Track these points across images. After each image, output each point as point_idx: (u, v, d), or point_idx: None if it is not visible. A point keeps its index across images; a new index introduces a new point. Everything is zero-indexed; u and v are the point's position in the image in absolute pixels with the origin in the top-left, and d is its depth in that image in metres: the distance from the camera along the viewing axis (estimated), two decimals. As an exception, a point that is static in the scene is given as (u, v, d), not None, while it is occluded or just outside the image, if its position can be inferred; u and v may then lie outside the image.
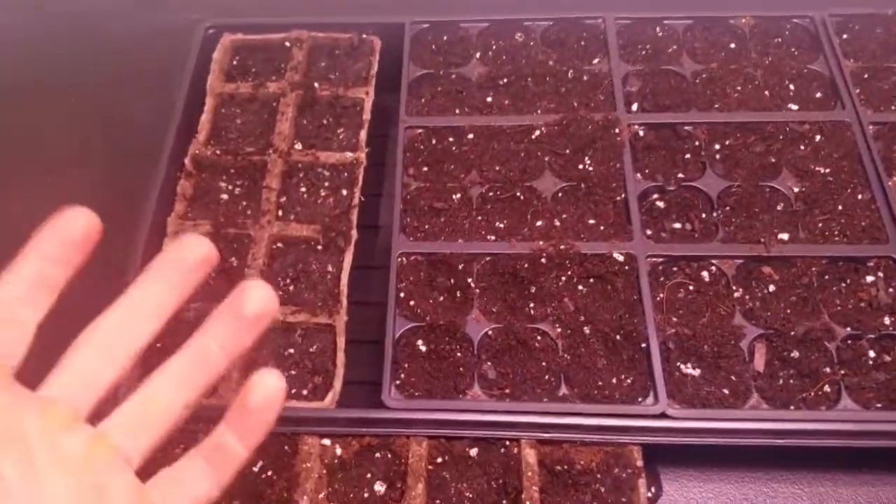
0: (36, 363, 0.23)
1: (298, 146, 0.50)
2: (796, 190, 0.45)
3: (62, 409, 0.22)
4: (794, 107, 0.48)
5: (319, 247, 0.45)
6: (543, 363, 0.40)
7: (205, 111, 0.50)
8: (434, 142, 0.49)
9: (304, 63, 0.54)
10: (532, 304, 0.42)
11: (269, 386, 0.25)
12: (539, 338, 0.41)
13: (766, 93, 0.49)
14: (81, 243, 0.24)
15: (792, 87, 0.49)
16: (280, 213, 0.47)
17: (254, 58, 0.54)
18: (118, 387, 0.23)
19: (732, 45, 0.52)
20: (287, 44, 0.55)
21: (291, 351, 0.42)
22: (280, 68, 0.53)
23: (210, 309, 0.25)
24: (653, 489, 0.41)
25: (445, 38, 0.54)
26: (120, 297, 0.24)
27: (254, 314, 0.25)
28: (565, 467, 0.37)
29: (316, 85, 0.52)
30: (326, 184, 0.48)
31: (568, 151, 0.48)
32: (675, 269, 0.43)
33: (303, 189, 0.48)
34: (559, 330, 0.41)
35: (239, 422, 0.25)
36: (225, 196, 0.47)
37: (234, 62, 0.54)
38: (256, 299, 0.25)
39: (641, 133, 0.48)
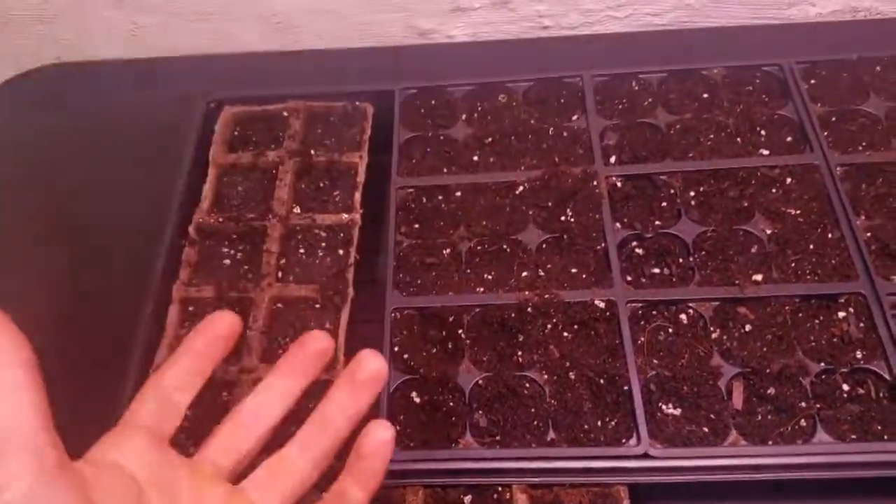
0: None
1: (297, 210, 0.55)
2: (769, 232, 0.49)
3: (207, 468, 0.30)
4: (766, 152, 0.53)
5: (318, 305, 0.50)
6: (532, 409, 0.44)
7: (207, 181, 0.56)
8: (424, 200, 0.54)
9: (300, 131, 0.59)
10: (520, 353, 0.46)
11: (378, 435, 0.32)
12: (527, 385, 0.45)
13: (738, 139, 0.54)
14: (225, 339, 0.34)
15: (763, 132, 0.54)
16: (280, 274, 0.52)
17: (254, 128, 0.60)
18: (256, 453, 0.32)
19: (705, 95, 0.57)
20: (285, 113, 0.61)
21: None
22: (279, 137, 0.59)
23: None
24: (645, 528, 0.44)
25: (433, 102, 0.60)
26: (260, 383, 0.34)
27: (367, 380, 0.33)
28: (555, 509, 0.41)
29: (312, 152, 0.58)
30: (323, 244, 0.53)
31: (550, 204, 0.52)
32: (654, 312, 0.47)
33: (301, 251, 0.53)
34: (546, 376, 0.45)
35: (355, 468, 0.32)
36: (227, 261, 0.53)
37: (236, 133, 0.60)
38: (368, 367, 0.33)
39: (619, 184, 0.53)
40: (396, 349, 0.47)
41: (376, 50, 0.73)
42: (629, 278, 0.49)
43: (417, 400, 0.45)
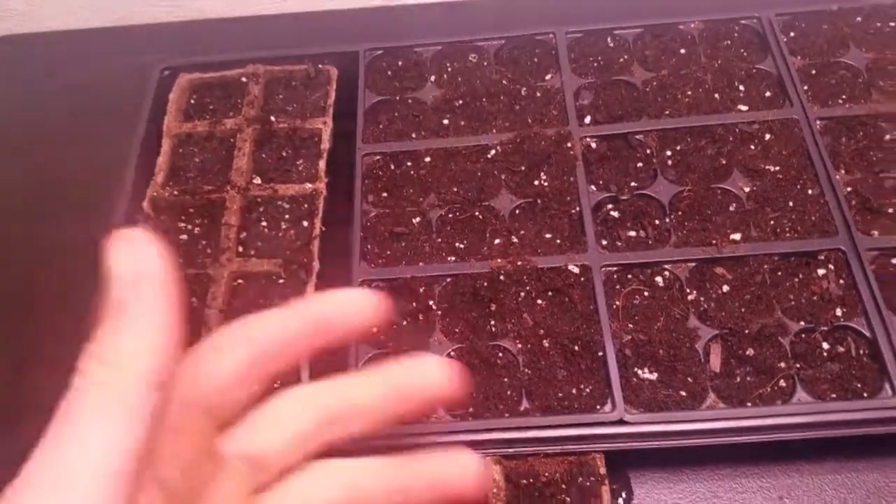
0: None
1: (258, 181, 0.54)
2: (747, 190, 0.49)
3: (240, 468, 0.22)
4: (744, 107, 0.52)
5: (281, 280, 0.49)
6: (505, 379, 0.44)
7: (161, 153, 0.55)
8: (392, 167, 0.53)
9: (260, 97, 0.58)
10: (493, 322, 0.46)
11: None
12: (500, 354, 0.45)
13: (716, 95, 0.53)
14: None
15: (742, 87, 0.54)
16: (240, 249, 0.51)
17: (211, 95, 0.59)
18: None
19: (682, 51, 0.56)
20: (244, 79, 0.59)
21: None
22: (237, 104, 0.58)
23: None
24: (624, 494, 0.45)
25: (400, 63, 0.58)
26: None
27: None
28: (531, 480, 0.41)
29: (273, 118, 0.57)
30: (287, 216, 0.52)
31: (523, 168, 0.52)
32: (629, 276, 0.47)
33: (263, 223, 0.53)
34: (519, 345, 0.45)
35: None
36: (185, 236, 0.52)
37: (192, 101, 0.59)
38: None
39: (594, 145, 0.52)
40: (364, 322, 0.46)
41: (342, 12, 0.71)
42: (604, 242, 0.48)
43: (387, 373, 0.44)
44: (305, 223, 0.52)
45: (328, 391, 0.23)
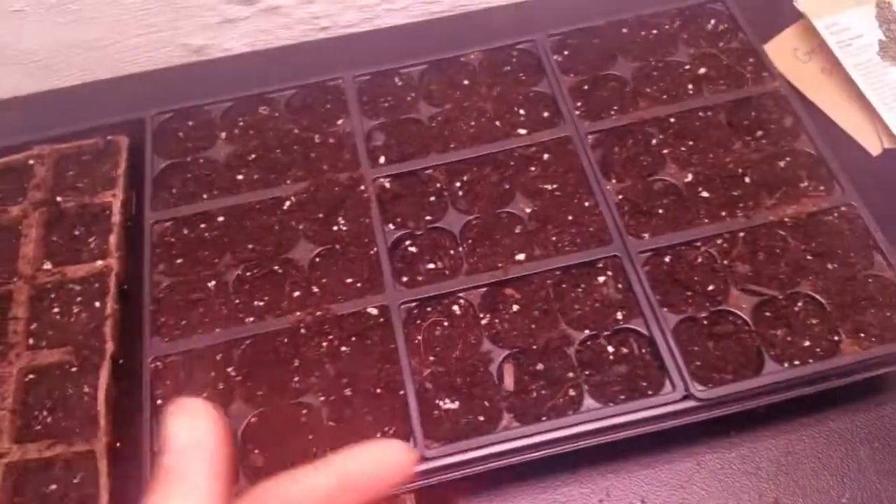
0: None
1: (48, 265, 0.52)
2: (528, 211, 0.51)
3: None
4: (523, 131, 0.55)
5: (74, 369, 0.47)
6: (310, 436, 0.43)
7: (-60, 254, 0.51)
8: (186, 231, 0.52)
9: (49, 177, 0.56)
10: (297, 378, 0.45)
11: None
12: (304, 412, 0.44)
13: (497, 123, 0.55)
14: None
15: (522, 112, 0.56)
16: (31, 341, 0.48)
17: (-4, 185, 0.56)
18: None
19: (466, 83, 0.58)
20: (31, 161, 0.56)
21: (54, 487, 0.43)
22: (24, 189, 0.55)
23: None
24: (452, 527, 0.45)
25: (191, 123, 0.57)
26: None
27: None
28: (343, 532, 0.41)
29: (59, 198, 0.54)
30: (79, 299, 0.50)
31: (321, 216, 0.52)
32: (428, 309, 0.48)
33: (56, 310, 0.50)
34: (322, 398, 0.44)
35: None
36: (-35, 338, 0.48)
37: (-26, 194, 0.55)
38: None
39: (387, 185, 0.53)
40: (160, 402, 0.44)
41: (131, 77, 0.69)
42: (405, 279, 0.49)
43: (188, 449, 0.43)
44: (98, 304, 0.49)
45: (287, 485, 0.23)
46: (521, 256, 0.49)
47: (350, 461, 0.23)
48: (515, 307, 0.47)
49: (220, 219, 0.52)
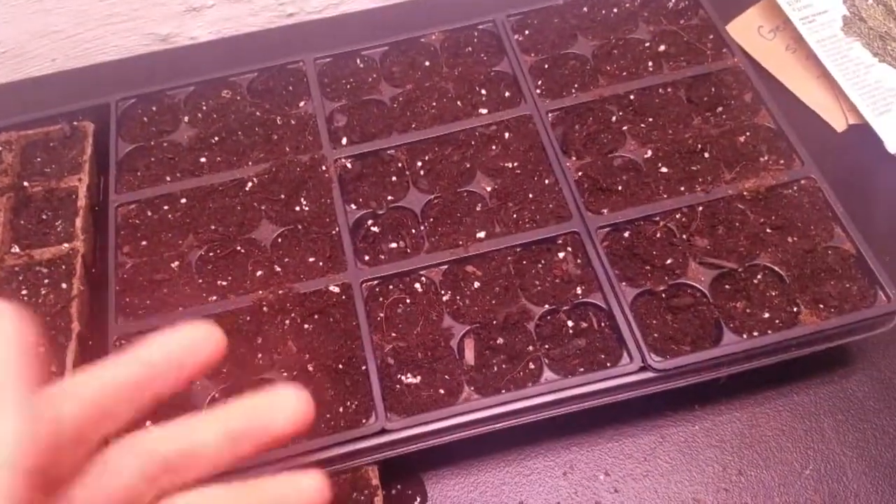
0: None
1: (15, 249, 0.51)
2: (489, 189, 0.51)
3: None
4: (484, 111, 0.55)
5: (42, 348, 0.47)
6: (271, 410, 0.43)
7: None
8: (150, 213, 0.52)
9: (16, 164, 0.55)
10: (259, 355, 0.45)
11: None
12: (267, 388, 0.44)
13: (459, 102, 0.55)
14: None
15: (483, 91, 0.56)
16: None
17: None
18: None
19: (427, 63, 0.58)
20: (-1, 149, 0.56)
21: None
22: (-9, 175, 0.55)
23: None
24: (418, 498, 0.46)
25: (154, 108, 0.57)
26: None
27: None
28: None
29: (26, 183, 0.54)
30: (46, 281, 0.50)
31: (283, 197, 0.52)
32: (390, 287, 0.48)
33: (24, 292, 0.50)
34: (285, 374, 0.44)
35: None
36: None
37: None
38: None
39: (349, 165, 0.53)
40: (123, 379, 0.44)
41: (109, 64, 0.68)
42: (367, 258, 0.49)
43: (152, 428, 0.43)
44: (64, 285, 0.49)
45: (164, 438, 0.22)
46: (481, 234, 0.49)
47: (236, 412, 0.23)
48: (476, 284, 0.47)
49: (183, 201, 0.52)
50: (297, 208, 0.51)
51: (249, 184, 0.52)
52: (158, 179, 0.53)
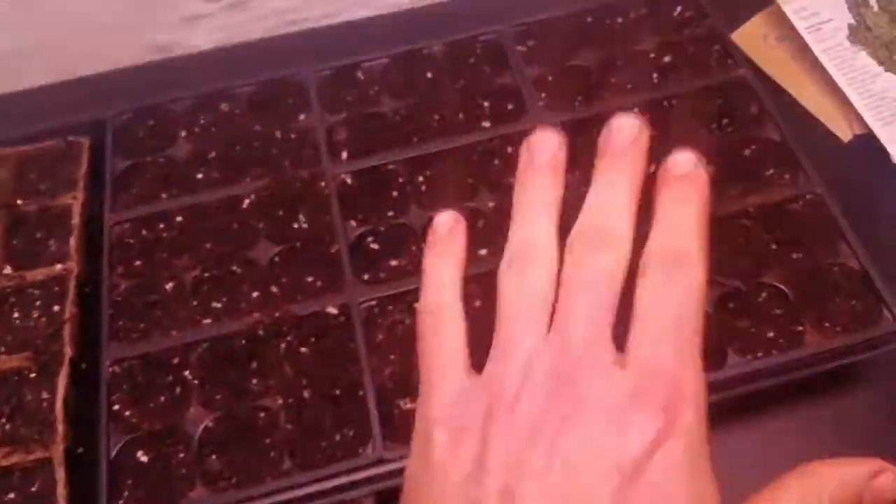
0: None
1: (8, 270, 0.49)
2: (491, 205, 0.48)
3: None
4: (487, 124, 0.52)
5: (32, 374, 0.45)
6: (268, 440, 0.41)
7: None
8: (145, 232, 0.49)
9: (9, 181, 0.53)
10: (255, 381, 0.43)
11: None
12: (262, 415, 0.42)
13: (461, 116, 0.53)
14: None
15: (486, 104, 0.53)
16: (-11, 348, 0.46)
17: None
18: None
19: (429, 75, 0.55)
20: (-9, 166, 0.54)
21: (13, 496, 0.41)
22: (-16, 194, 0.52)
23: None
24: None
25: (151, 122, 0.55)
26: None
27: None
28: (303, 538, 0.39)
29: (18, 202, 0.52)
30: (38, 303, 0.48)
31: (280, 214, 0.49)
32: (390, 307, 0.45)
33: (16, 315, 0.48)
34: (280, 401, 0.42)
35: None
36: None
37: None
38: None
39: (349, 181, 0.50)
40: (116, 408, 0.42)
41: (106, 75, 0.66)
42: (367, 276, 0.47)
43: (144, 459, 0.41)
44: (57, 307, 0.47)
45: None
46: (483, 252, 0.46)
47: None
48: (477, 303, 0.45)
49: (179, 219, 0.49)
50: (296, 225, 0.49)
51: (247, 201, 0.50)
52: (154, 197, 0.50)
